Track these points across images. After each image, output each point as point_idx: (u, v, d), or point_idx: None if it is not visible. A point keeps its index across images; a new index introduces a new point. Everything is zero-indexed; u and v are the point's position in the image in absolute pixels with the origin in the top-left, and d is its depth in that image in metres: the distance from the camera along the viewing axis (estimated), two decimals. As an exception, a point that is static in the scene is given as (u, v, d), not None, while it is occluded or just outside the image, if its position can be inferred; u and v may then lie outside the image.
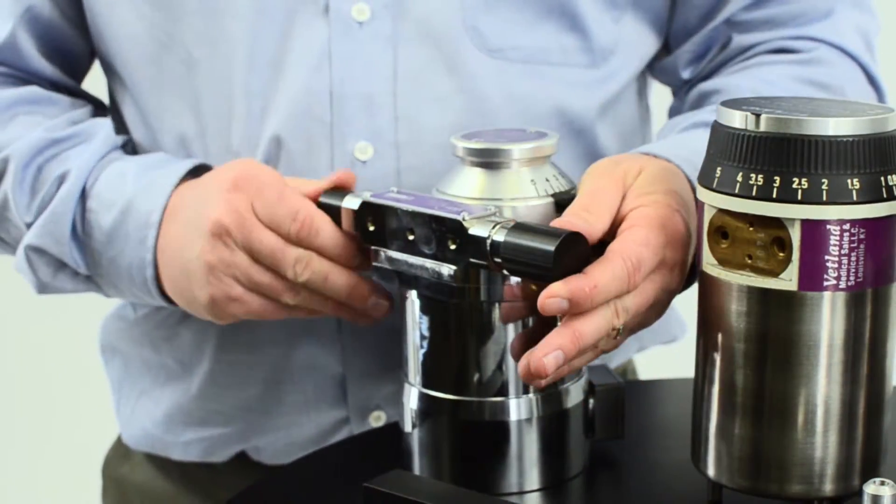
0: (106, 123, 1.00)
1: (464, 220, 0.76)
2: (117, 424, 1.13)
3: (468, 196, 0.81)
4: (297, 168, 0.95)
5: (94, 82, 1.07)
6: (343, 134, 0.95)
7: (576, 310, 0.74)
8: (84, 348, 1.41)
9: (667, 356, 1.19)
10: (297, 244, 0.86)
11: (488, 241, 0.75)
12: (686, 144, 0.88)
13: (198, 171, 0.94)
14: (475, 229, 0.76)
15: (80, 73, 1.06)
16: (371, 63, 0.94)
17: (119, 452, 1.14)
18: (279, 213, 0.86)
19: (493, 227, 0.75)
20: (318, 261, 0.86)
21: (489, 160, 0.80)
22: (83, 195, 0.94)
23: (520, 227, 0.75)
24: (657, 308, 0.80)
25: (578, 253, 0.74)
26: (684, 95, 1.06)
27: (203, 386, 1.03)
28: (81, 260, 0.95)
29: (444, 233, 0.77)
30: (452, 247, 0.77)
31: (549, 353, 0.74)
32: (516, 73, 0.96)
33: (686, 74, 1.06)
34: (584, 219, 0.76)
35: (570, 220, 0.76)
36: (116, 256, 0.93)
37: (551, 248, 0.72)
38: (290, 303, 0.88)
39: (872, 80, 1.02)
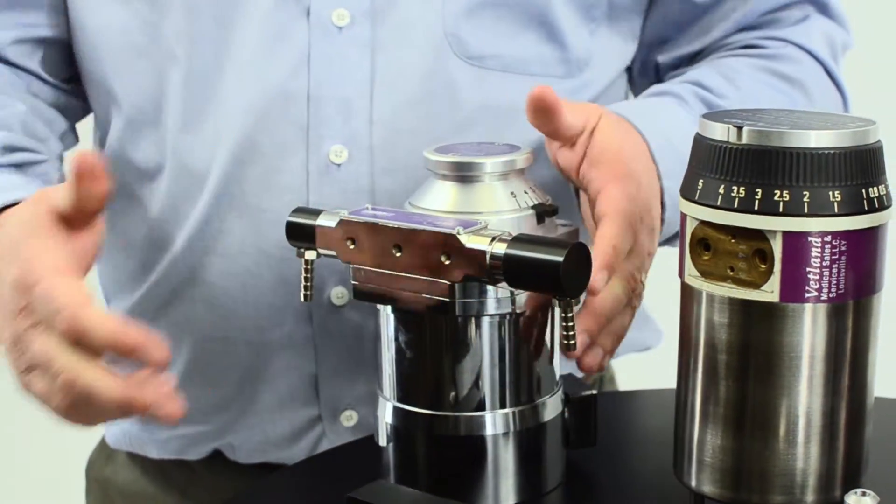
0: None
1: (458, 233, 0.76)
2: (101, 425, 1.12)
3: (444, 210, 0.80)
4: (269, 169, 0.95)
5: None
6: (319, 136, 0.95)
7: (612, 274, 0.81)
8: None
9: (645, 366, 1.19)
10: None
11: (487, 255, 0.75)
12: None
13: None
14: (471, 243, 0.76)
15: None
16: (349, 67, 0.95)
17: (103, 453, 1.15)
18: (45, 312, 0.75)
19: (491, 241, 0.75)
20: (84, 372, 0.74)
21: (468, 174, 0.80)
22: None
23: (520, 240, 0.74)
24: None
25: (583, 263, 0.74)
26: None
27: (179, 383, 1.02)
28: None
29: (436, 248, 0.76)
30: (446, 262, 0.76)
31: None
32: (495, 82, 0.97)
33: (666, 78, 1.09)
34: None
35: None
36: None
37: (559, 258, 0.72)
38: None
39: (836, 83, 1.06)
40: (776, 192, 0.67)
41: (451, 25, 0.95)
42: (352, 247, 0.80)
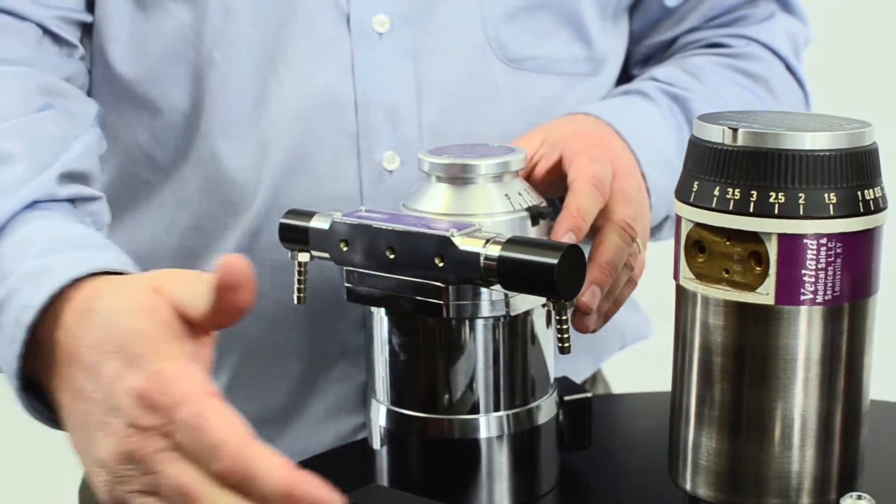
0: (66, 143, 0.85)
1: (452, 236, 0.75)
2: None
3: (438, 212, 0.80)
4: (320, 178, 0.95)
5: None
6: (370, 144, 0.95)
7: (581, 236, 0.80)
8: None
9: (638, 368, 1.19)
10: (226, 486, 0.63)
11: (482, 257, 0.75)
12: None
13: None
14: (466, 245, 0.75)
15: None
16: (393, 73, 0.95)
17: None
18: (197, 444, 0.62)
19: (485, 243, 0.75)
20: None
21: (463, 176, 0.80)
22: None
23: (515, 242, 0.74)
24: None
25: (577, 264, 0.74)
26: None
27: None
28: None
29: (430, 250, 0.76)
30: (440, 264, 0.76)
31: (585, 291, 0.81)
32: (531, 83, 0.99)
33: (635, 72, 1.11)
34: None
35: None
36: None
37: (554, 260, 0.72)
38: None
39: (797, 79, 1.09)
40: (771, 193, 0.67)
41: (492, 29, 0.97)
42: (345, 249, 0.80)
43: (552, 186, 0.87)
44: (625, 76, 1.13)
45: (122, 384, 0.65)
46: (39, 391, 0.73)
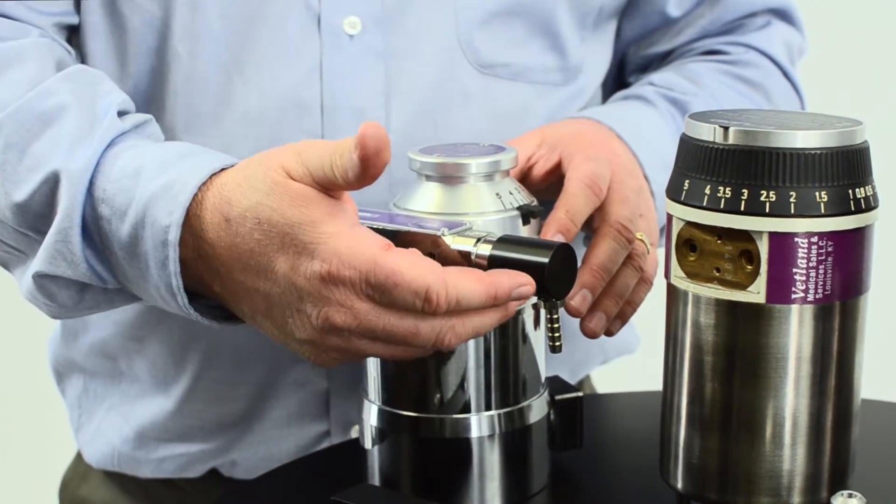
0: (104, 85, 0.86)
1: (443, 234, 0.75)
2: (75, 444, 1.10)
3: (429, 211, 0.80)
4: None
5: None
6: None
7: (570, 237, 0.79)
8: (38, 368, 1.38)
9: (623, 373, 1.19)
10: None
11: (473, 256, 0.74)
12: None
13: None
14: (456, 244, 0.75)
15: None
16: (362, 76, 0.94)
17: (77, 473, 1.12)
18: (400, 298, 0.71)
19: (476, 242, 0.75)
20: (465, 323, 0.73)
21: (453, 175, 0.80)
22: (91, 197, 0.80)
23: (505, 241, 0.74)
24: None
25: (568, 263, 0.74)
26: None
27: (182, 402, 1.01)
28: (108, 274, 0.82)
29: (422, 249, 0.76)
30: None
31: (575, 295, 0.80)
32: (502, 90, 0.98)
33: (631, 80, 1.11)
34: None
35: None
36: (142, 275, 0.80)
37: (545, 259, 0.72)
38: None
39: (794, 86, 1.10)
40: (762, 192, 0.67)
41: (464, 34, 0.96)
42: None
43: (552, 188, 0.87)
44: (621, 83, 1.13)
45: (302, 274, 0.72)
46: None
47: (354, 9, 0.94)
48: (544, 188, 0.88)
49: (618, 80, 1.14)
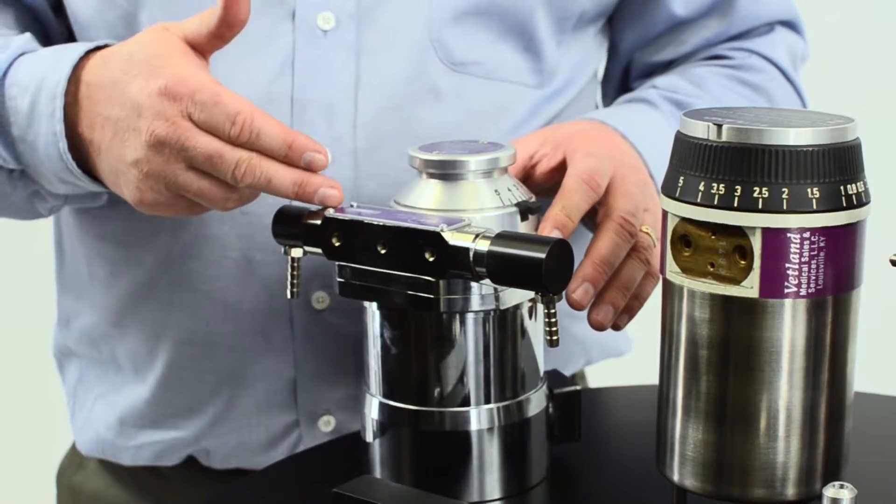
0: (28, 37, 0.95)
1: (442, 231, 0.76)
2: (71, 432, 1.12)
3: (428, 207, 0.81)
4: None
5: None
6: None
7: (567, 233, 0.81)
8: (38, 356, 1.39)
9: (616, 371, 1.20)
10: (239, 146, 0.82)
11: (471, 252, 0.75)
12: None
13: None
14: (455, 240, 0.76)
15: None
16: (333, 71, 0.95)
17: (73, 461, 1.14)
18: (216, 116, 0.81)
19: (475, 238, 0.76)
20: (261, 163, 0.82)
21: (453, 172, 0.81)
22: (2, 85, 0.90)
23: (503, 237, 0.75)
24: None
25: (565, 258, 0.75)
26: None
27: (156, 389, 1.02)
28: (7, 152, 0.91)
29: (421, 245, 0.77)
30: (430, 259, 0.77)
31: (577, 288, 0.81)
32: (474, 89, 0.98)
33: (635, 85, 1.11)
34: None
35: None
36: (35, 139, 0.89)
37: (542, 255, 0.73)
38: (227, 207, 0.85)
39: (797, 90, 1.11)
40: (755, 188, 0.68)
41: (436, 31, 0.96)
42: (337, 244, 0.81)
43: (556, 186, 0.87)
44: (624, 89, 1.13)
45: (145, 92, 0.82)
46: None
47: (329, 4, 0.95)
48: (548, 186, 0.89)
49: (622, 85, 1.14)
